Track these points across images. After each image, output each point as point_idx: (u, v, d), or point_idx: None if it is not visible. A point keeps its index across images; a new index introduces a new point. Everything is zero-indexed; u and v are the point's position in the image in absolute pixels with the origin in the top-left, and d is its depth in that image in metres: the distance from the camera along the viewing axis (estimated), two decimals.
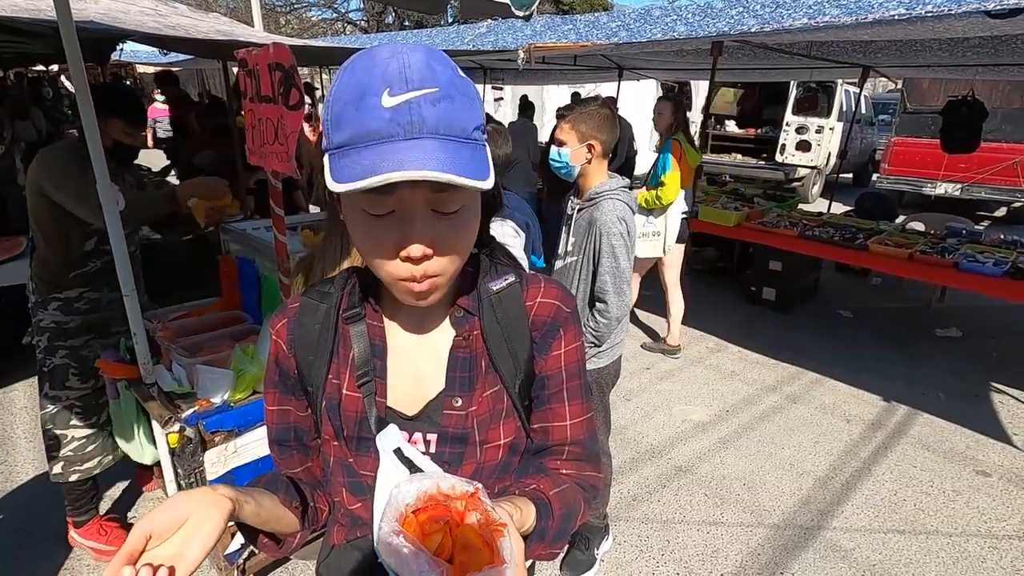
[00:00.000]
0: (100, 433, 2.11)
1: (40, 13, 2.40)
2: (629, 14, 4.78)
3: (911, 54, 4.37)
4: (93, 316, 2.05)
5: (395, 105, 0.52)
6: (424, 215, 0.58)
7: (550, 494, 0.72)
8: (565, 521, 0.72)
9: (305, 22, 22.13)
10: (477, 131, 0.57)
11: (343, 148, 0.54)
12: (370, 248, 0.60)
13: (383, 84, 0.53)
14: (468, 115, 0.56)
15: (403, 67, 0.53)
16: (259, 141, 1.73)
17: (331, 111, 0.56)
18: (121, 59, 7.59)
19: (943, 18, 2.47)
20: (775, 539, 2.43)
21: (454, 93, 0.55)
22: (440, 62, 0.56)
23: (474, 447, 0.72)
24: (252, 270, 2.25)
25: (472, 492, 0.55)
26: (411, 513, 0.53)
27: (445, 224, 0.59)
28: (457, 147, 0.54)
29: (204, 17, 4.12)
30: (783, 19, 3.26)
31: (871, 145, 11.12)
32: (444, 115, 0.53)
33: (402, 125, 0.52)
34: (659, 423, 3.28)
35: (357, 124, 0.53)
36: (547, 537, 0.69)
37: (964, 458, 3.03)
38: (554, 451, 0.79)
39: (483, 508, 0.54)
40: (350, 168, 0.53)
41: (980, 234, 4.55)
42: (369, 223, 0.58)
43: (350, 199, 0.59)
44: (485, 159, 0.57)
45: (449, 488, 0.55)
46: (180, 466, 1.70)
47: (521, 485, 0.74)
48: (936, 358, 4.17)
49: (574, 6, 20.11)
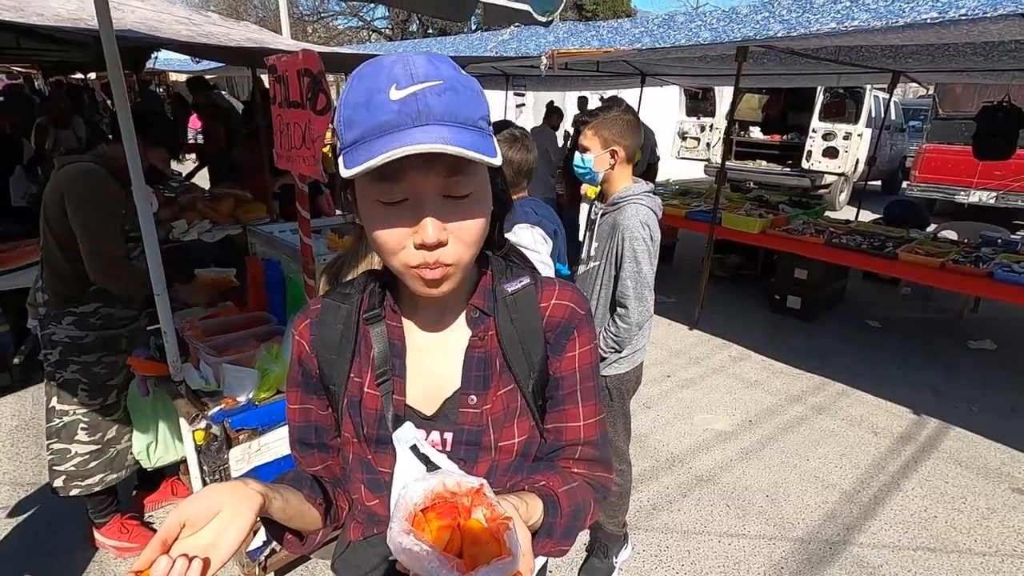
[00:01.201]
0: (105, 450, 2.09)
1: (81, 22, 2.49)
2: (652, 20, 4.76)
3: (944, 59, 4.26)
4: (107, 332, 2.04)
5: (402, 97, 0.55)
6: (435, 201, 0.59)
7: (559, 491, 0.72)
8: (574, 518, 0.73)
9: (332, 30, 22.55)
10: (482, 120, 0.59)
11: (356, 143, 0.56)
12: (384, 238, 0.61)
13: (389, 81, 0.56)
14: (472, 106, 0.58)
15: (407, 66, 0.57)
16: (287, 145, 1.76)
17: (342, 114, 0.58)
18: (155, 67, 7.83)
19: (978, 21, 2.40)
20: (799, 553, 2.38)
21: (457, 86, 0.57)
22: (443, 62, 0.59)
23: (488, 445, 0.73)
24: (278, 272, 2.29)
25: (477, 488, 0.56)
26: (420, 512, 0.54)
27: (456, 210, 0.60)
28: (463, 130, 0.56)
29: (236, 26, 4.22)
30: (810, 24, 3.21)
31: (901, 152, 10.87)
32: (449, 104, 0.56)
33: (410, 115, 0.54)
34: (680, 431, 3.24)
35: (367, 120, 0.55)
36: (555, 533, 0.70)
37: (999, 475, 2.93)
38: (566, 451, 0.80)
39: (488, 503, 0.55)
40: (360, 156, 0.55)
41: (1017, 243, 4.40)
42: (382, 213, 0.60)
43: (364, 192, 0.61)
44: (492, 144, 0.60)
45: (455, 485, 0.56)
46: (206, 463, 1.74)
47: (531, 481, 0.74)
48: (968, 370, 4.05)
49: (597, 13, 20.12)
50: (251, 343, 2.04)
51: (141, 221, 1.69)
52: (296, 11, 19.23)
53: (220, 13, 11.74)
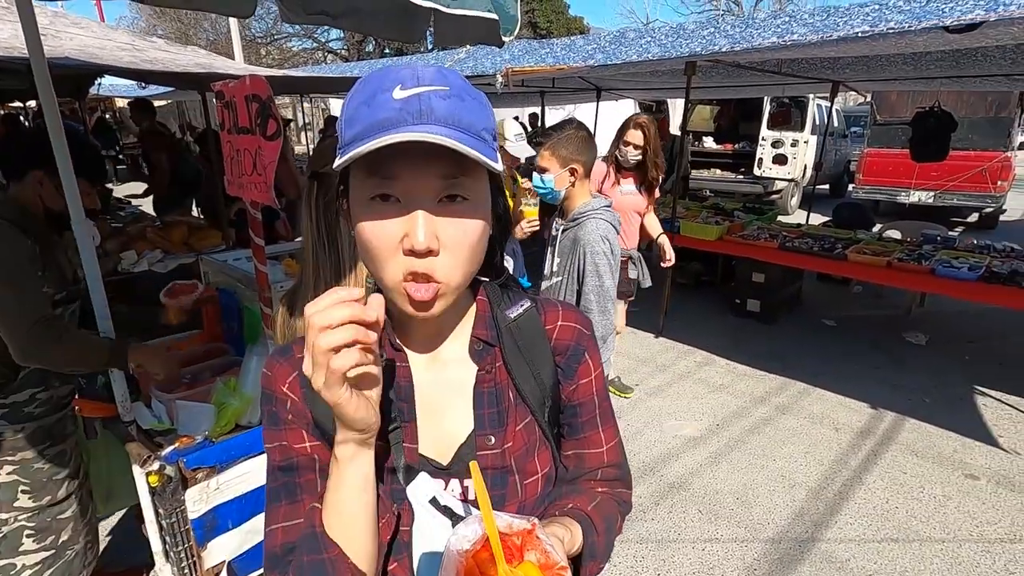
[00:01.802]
0: (60, 554, 1.76)
1: (15, 51, 2.40)
2: (604, 37, 4.89)
3: (877, 68, 4.51)
4: (48, 420, 1.71)
5: (406, 96, 0.53)
6: (429, 204, 0.56)
7: (588, 509, 0.71)
8: (608, 533, 0.72)
9: (286, 52, 22.34)
10: (485, 131, 0.57)
11: (355, 140, 0.54)
12: (373, 242, 0.57)
13: (395, 82, 0.54)
14: (477, 116, 0.56)
15: (416, 70, 0.55)
16: (237, 172, 1.72)
17: (345, 113, 0.56)
18: (99, 93, 7.59)
19: (905, 34, 2.56)
20: (770, 553, 2.41)
21: (464, 95, 0.56)
22: (452, 73, 0.58)
23: (515, 484, 0.69)
24: (234, 301, 2.22)
25: (529, 529, 0.54)
26: (471, 558, 0.52)
27: (451, 218, 0.57)
28: (464, 136, 0.54)
29: (182, 50, 4.14)
30: (752, 39, 3.36)
31: (845, 157, 11.39)
32: (453, 109, 0.54)
33: (411, 113, 0.53)
34: (650, 440, 3.26)
35: (367, 117, 0.53)
36: (597, 553, 0.69)
37: (952, 462, 3.06)
38: (588, 475, 0.78)
39: (543, 548, 0.54)
40: (357, 147, 0.53)
41: (954, 240, 4.65)
42: (373, 214, 0.56)
43: (357, 194, 0.58)
44: (493, 152, 0.57)
45: (506, 527, 0.54)
46: (160, 505, 1.65)
47: (558, 507, 0.72)
48: (919, 363, 4.23)
49: (551, 31, 20.54)
50: (207, 377, 1.96)
51: (83, 260, 1.61)
52: (248, 33, 18.99)
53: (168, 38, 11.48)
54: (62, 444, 1.75)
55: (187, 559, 1.65)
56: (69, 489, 1.78)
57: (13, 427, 1.64)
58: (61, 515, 1.76)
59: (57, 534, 1.75)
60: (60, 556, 1.76)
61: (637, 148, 2.99)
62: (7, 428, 1.63)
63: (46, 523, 1.72)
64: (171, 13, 19.34)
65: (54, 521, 1.74)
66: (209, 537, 1.66)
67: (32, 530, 1.70)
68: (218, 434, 1.72)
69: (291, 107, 14.83)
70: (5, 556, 1.67)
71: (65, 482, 1.76)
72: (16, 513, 1.67)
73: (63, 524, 1.76)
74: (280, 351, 0.70)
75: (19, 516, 1.68)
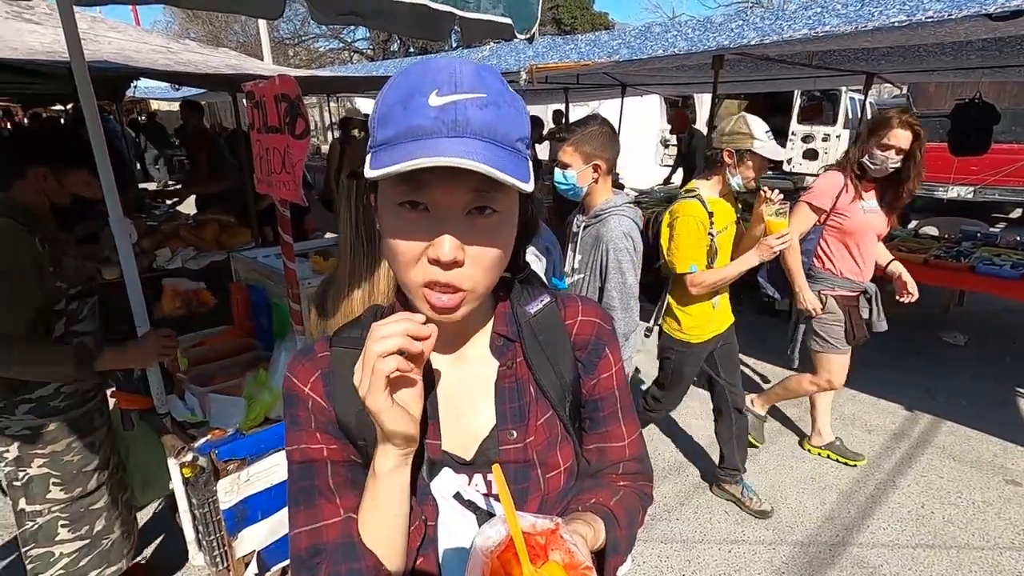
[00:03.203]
0: (96, 543, 1.80)
1: (56, 55, 2.49)
2: (630, 31, 4.83)
3: (915, 59, 4.35)
4: (74, 413, 1.73)
5: (442, 104, 0.53)
6: (457, 217, 0.56)
7: (611, 504, 0.71)
8: (631, 527, 0.72)
9: (313, 53, 22.70)
10: (520, 142, 0.57)
11: (387, 143, 0.54)
12: (399, 247, 0.57)
13: (432, 86, 0.54)
14: (513, 124, 0.56)
15: (454, 73, 0.54)
16: (266, 170, 1.75)
17: (378, 110, 0.56)
18: (135, 95, 7.83)
19: (944, 23, 2.46)
20: (799, 557, 2.36)
21: (501, 101, 0.55)
22: (491, 73, 0.57)
23: (537, 478, 0.69)
24: (263, 298, 2.27)
25: (553, 528, 0.55)
26: (496, 558, 0.53)
27: (479, 230, 0.57)
28: (498, 150, 0.54)
29: (214, 52, 4.23)
30: (783, 31, 3.27)
31: None
32: (490, 120, 0.54)
33: (447, 123, 0.52)
34: (675, 439, 3.23)
35: (402, 121, 0.53)
36: (621, 548, 0.69)
37: (992, 467, 2.95)
38: (610, 469, 0.78)
39: (567, 548, 0.54)
40: (388, 158, 0.53)
41: (996, 236, 4.47)
42: (402, 220, 0.57)
43: (386, 195, 0.58)
44: (527, 167, 0.57)
45: (530, 527, 0.54)
46: (194, 495, 1.70)
47: (581, 501, 0.72)
48: (956, 364, 4.08)
49: (575, 27, 20.40)
50: (238, 371, 2.01)
51: (121, 256, 1.66)
52: (277, 35, 19.34)
53: (199, 41, 11.78)
54: (90, 436, 1.78)
55: (219, 548, 1.70)
56: (99, 480, 1.82)
57: (41, 420, 1.66)
58: (93, 505, 1.80)
59: (91, 524, 1.79)
60: (96, 545, 1.80)
61: (901, 153, 2.42)
62: (35, 422, 1.66)
63: (79, 513, 1.77)
64: (203, 16, 19.84)
65: (87, 512, 1.78)
66: (240, 527, 1.70)
67: (67, 520, 1.75)
68: (248, 427, 1.76)
69: (318, 107, 15.06)
70: (43, 545, 1.72)
71: (95, 473, 1.80)
72: (49, 504, 1.72)
73: (96, 514, 1.81)
74: (302, 352, 0.71)
75: (52, 508, 1.72)
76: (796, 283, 2.65)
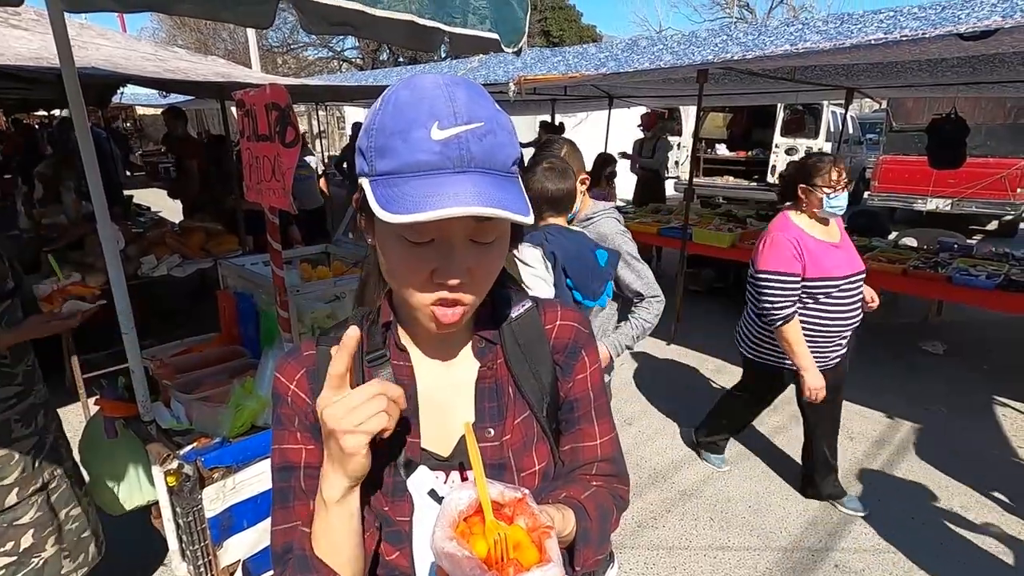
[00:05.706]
0: (24, 561, 1.71)
1: (44, 61, 2.48)
2: (617, 44, 4.92)
3: (893, 75, 4.48)
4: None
5: (445, 139, 0.54)
6: (463, 244, 0.59)
7: (582, 498, 0.73)
8: (603, 521, 0.73)
9: (302, 61, 22.66)
10: (514, 165, 0.60)
11: (390, 176, 0.55)
12: (406, 275, 0.61)
13: (431, 117, 0.55)
14: (508, 150, 0.58)
15: (450, 101, 0.55)
16: (256, 178, 1.76)
17: (375, 140, 0.57)
18: (122, 102, 7.77)
19: (919, 41, 2.55)
20: (783, 562, 2.39)
21: (496, 127, 0.57)
22: (482, 96, 0.59)
23: (512, 477, 0.72)
24: (251, 305, 2.27)
25: (520, 498, 0.57)
26: (463, 520, 0.55)
27: (481, 254, 0.61)
28: (500, 182, 0.56)
29: (203, 60, 4.23)
30: (765, 46, 3.36)
31: (860, 164, 11.29)
32: (489, 150, 0.56)
33: (451, 159, 0.54)
34: (662, 446, 3.25)
35: (406, 155, 0.55)
36: (591, 539, 0.70)
37: (971, 473, 3.00)
38: (583, 468, 0.80)
39: (531, 512, 0.57)
40: (400, 199, 0.53)
41: (972, 248, 4.59)
42: (407, 249, 0.59)
43: (386, 225, 0.59)
44: (522, 193, 0.60)
45: (498, 495, 0.57)
46: (178, 504, 1.69)
47: (553, 496, 0.74)
48: (936, 373, 4.17)
49: (563, 39, 20.63)
50: (224, 378, 2.00)
51: (108, 263, 1.66)
52: (265, 43, 19.30)
53: (188, 48, 11.72)
54: (7, 448, 1.67)
55: (203, 557, 1.68)
56: (22, 495, 1.71)
57: None
58: (17, 521, 1.70)
59: (16, 540, 1.70)
60: (25, 563, 1.71)
61: None
62: None
63: (2, 528, 1.67)
64: (191, 23, 19.74)
65: (10, 527, 1.69)
66: (225, 536, 1.69)
67: None
68: (235, 434, 1.75)
69: (307, 115, 15.04)
70: None
71: (14, 488, 1.69)
72: None
73: (21, 530, 1.70)
74: (289, 352, 0.74)
75: None
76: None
